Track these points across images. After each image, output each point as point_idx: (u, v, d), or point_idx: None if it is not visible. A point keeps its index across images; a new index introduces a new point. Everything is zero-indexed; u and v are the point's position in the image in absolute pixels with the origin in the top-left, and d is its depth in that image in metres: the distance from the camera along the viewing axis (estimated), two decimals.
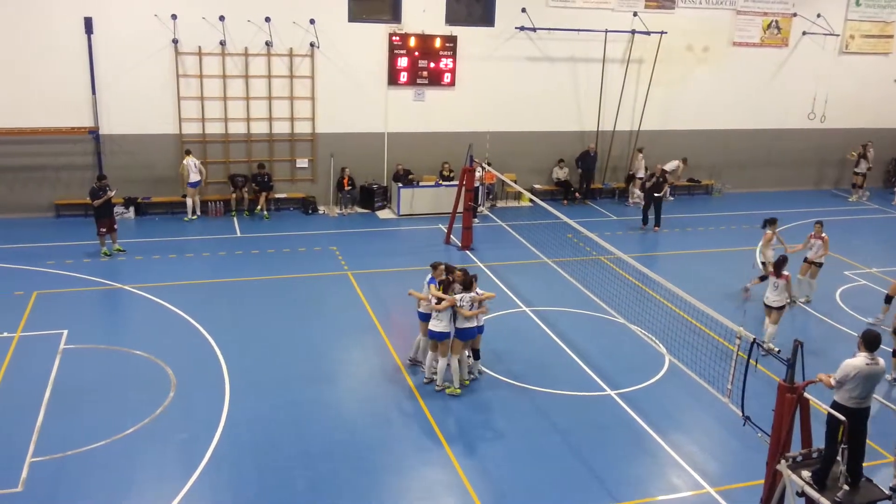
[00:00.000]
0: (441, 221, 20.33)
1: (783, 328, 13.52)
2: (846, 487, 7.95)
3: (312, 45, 20.50)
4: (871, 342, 8.11)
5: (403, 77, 21.35)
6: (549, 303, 15.30)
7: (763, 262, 15.89)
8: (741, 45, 24.21)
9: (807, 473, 8.08)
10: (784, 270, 13.12)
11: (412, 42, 21.11)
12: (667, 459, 10.32)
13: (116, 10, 18.89)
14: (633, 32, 22.79)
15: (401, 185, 21.25)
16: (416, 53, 21.24)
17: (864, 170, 25.28)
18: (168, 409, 10.91)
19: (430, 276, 11.86)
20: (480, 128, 21.54)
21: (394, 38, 21.01)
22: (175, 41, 19.41)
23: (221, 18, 19.62)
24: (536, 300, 15.42)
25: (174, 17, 19.26)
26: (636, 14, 22.66)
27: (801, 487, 8.07)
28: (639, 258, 15.66)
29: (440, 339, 11.41)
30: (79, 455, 9.77)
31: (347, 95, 21.06)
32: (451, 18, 21.53)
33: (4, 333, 13.02)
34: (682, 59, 23.68)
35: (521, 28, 21.88)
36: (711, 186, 25.36)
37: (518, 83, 22.35)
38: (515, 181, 21.77)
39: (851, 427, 7.90)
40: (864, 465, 8.33)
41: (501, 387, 11.99)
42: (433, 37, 21.25)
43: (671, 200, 23.74)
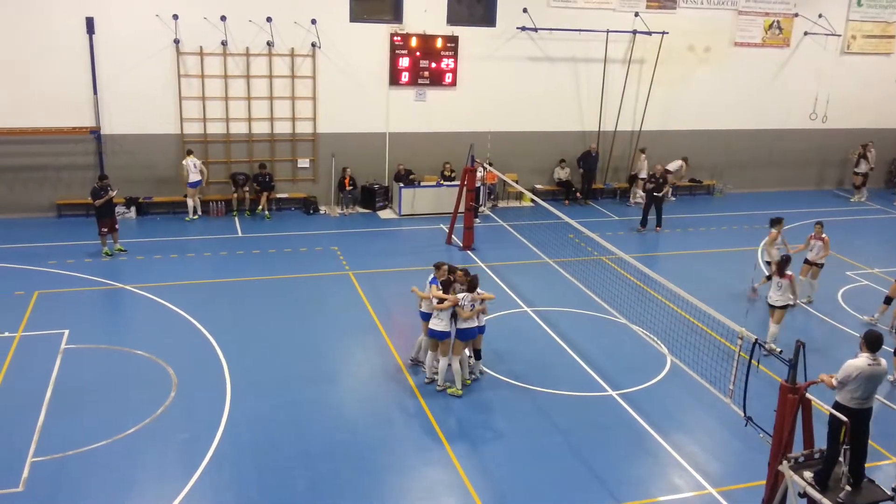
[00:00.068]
0: (442, 221, 20.32)
1: (785, 328, 13.52)
2: (848, 488, 7.95)
3: (314, 45, 20.50)
4: (873, 343, 8.10)
5: (405, 77, 21.34)
6: (551, 303, 15.29)
7: (767, 262, 15.90)
8: (743, 46, 24.19)
9: (809, 474, 8.08)
10: (787, 270, 13.15)
11: (413, 42, 21.11)
12: (668, 460, 10.31)
13: (118, 10, 18.89)
14: (635, 32, 22.78)
15: (402, 185, 21.25)
16: (418, 53, 21.24)
17: (864, 170, 25.27)
18: (169, 409, 10.91)
19: (433, 276, 11.87)
20: (482, 128, 21.53)
21: (395, 39, 21.00)
22: (176, 41, 19.42)
23: (223, 18, 19.63)
24: (538, 300, 15.41)
25: (175, 18, 19.27)
26: (637, 14, 22.65)
27: (803, 488, 8.06)
28: (640, 258, 15.64)
29: (440, 339, 11.42)
30: (80, 455, 9.77)
31: (349, 95, 21.06)
32: (453, 18, 21.52)
33: (6, 333, 13.02)
34: (684, 60, 23.67)
35: (523, 28, 21.88)
36: (713, 187, 25.33)
37: (519, 83, 22.35)
38: (517, 181, 21.78)
39: (853, 428, 7.90)
40: (866, 466, 8.32)
41: (503, 387, 11.98)
42: (434, 37, 21.25)
43: (672, 201, 23.73)
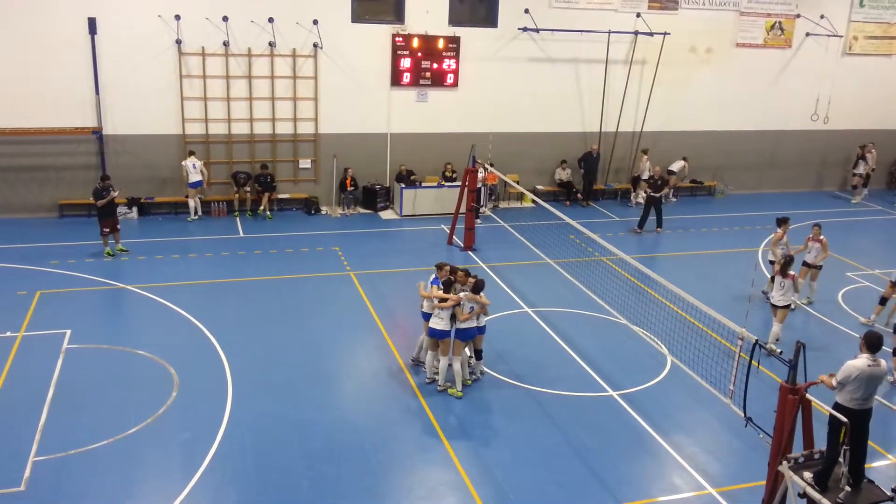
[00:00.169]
0: (444, 222, 20.34)
1: (785, 329, 13.54)
2: (848, 489, 7.96)
3: (316, 46, 20.52)
4: (873, 343, 8.11)
5: (406, 78, 21.36)
6: (551, 303, 15.30)
7: (771, 261, 15.91)
8: (744, 47, 24.18)
9: (808, 474, 8.09)
10: (790, 270, 13.19)
11: (415, 43, 21.12)
12: (668, 460, 10.33)
13: (120, 11, 18.91)
14: (637, 33, 22.78)
15: (403, 186, 21.27)
16: (420, 54, 21.25)
17: (863, 171, 25.24)
18: (170, 409, 10.93)
19: (434, 277, 11.90)
20: (483, 128, 21.52)
21: (397, 39, 21.02)
22: (178, 42, 19.45)
23: (225, 19, 19.66)
24: (538, 301, 15.43)
25: (178, 18, 19.30)
26: (639, 15, 22.65)
27: (803, 489, 8.07)
28: (641, 259, 15.65)
29: (440, 338, 11.44)
30: (81, 454, 9.80)
31: (350, 96, 21.08)
32: (455, 19, 21.53)
33: (8, 333, 13.05)
34: (685, 61, 23.66)
35: (524, 29, 21.89)
36: (714, 187, 25.32)
37: (521, 84, 22.35)
38: (518, 182, 21.79)
39: (853, 428, 7.91)
40: (866, 466, 8.33)
41: (503, 387, 12.00)
42: (436, 38, 21.27)
43: (673, 202, 23.74)
